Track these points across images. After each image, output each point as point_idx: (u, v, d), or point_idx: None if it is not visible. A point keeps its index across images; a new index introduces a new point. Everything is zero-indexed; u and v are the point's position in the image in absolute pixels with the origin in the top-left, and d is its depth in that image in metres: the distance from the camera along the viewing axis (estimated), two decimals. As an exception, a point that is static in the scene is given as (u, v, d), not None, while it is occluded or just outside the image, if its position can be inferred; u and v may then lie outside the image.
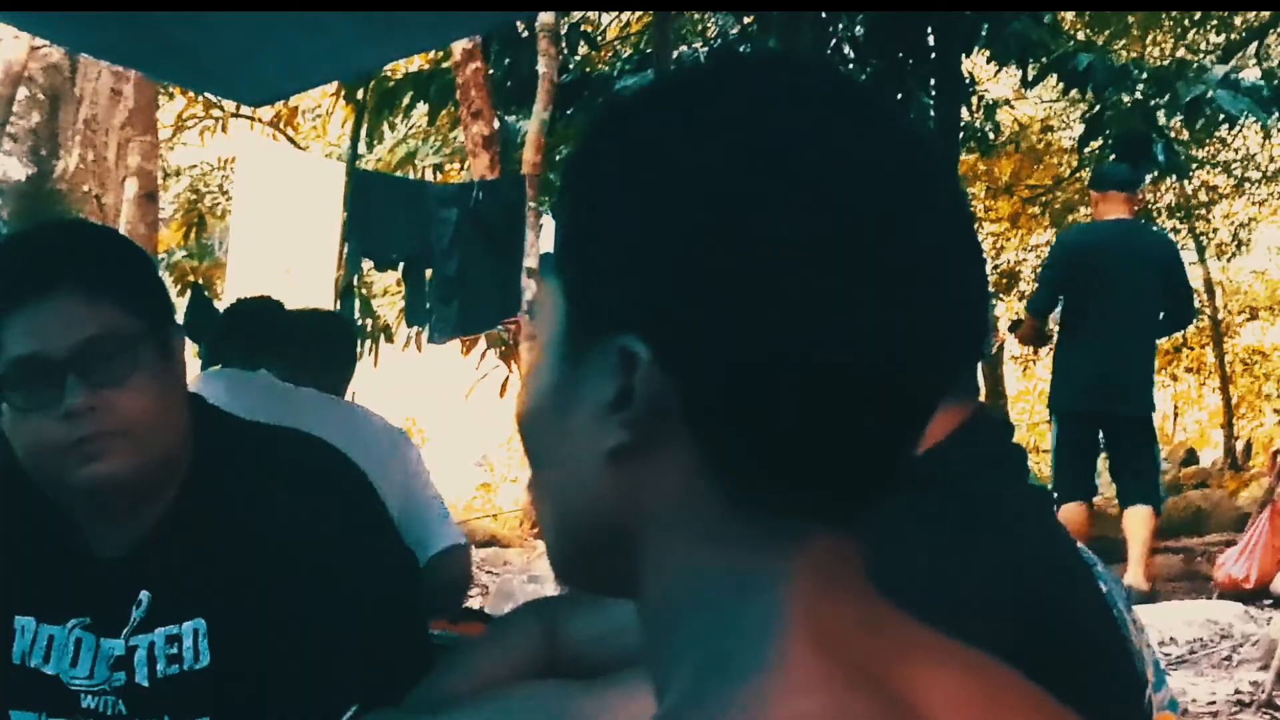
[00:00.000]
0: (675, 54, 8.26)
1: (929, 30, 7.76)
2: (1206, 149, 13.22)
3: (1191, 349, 16.90)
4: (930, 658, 0.66)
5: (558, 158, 9.52)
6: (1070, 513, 5.72)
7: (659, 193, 0.64)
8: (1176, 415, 18.58)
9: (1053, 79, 8.55)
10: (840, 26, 8.06)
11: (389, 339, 11.86)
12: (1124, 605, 1.55)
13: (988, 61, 9.35)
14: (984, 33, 7.75)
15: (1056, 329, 6.41)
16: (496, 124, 9.36)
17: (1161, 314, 6.08)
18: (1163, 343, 16.78)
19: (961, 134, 8.67)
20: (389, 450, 3.02)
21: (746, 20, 8.57)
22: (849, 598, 0.65)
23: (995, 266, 15.26)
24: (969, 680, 0.67)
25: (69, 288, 1.44)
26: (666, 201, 0.64)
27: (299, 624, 1.47)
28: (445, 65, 9.68)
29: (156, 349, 1.50)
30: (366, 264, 9.31)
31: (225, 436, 1.60)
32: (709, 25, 10.09)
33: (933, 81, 7.86)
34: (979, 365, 1.61)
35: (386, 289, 12.95)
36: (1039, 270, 9.96)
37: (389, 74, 9.95)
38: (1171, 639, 5.43)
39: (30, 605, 1.56)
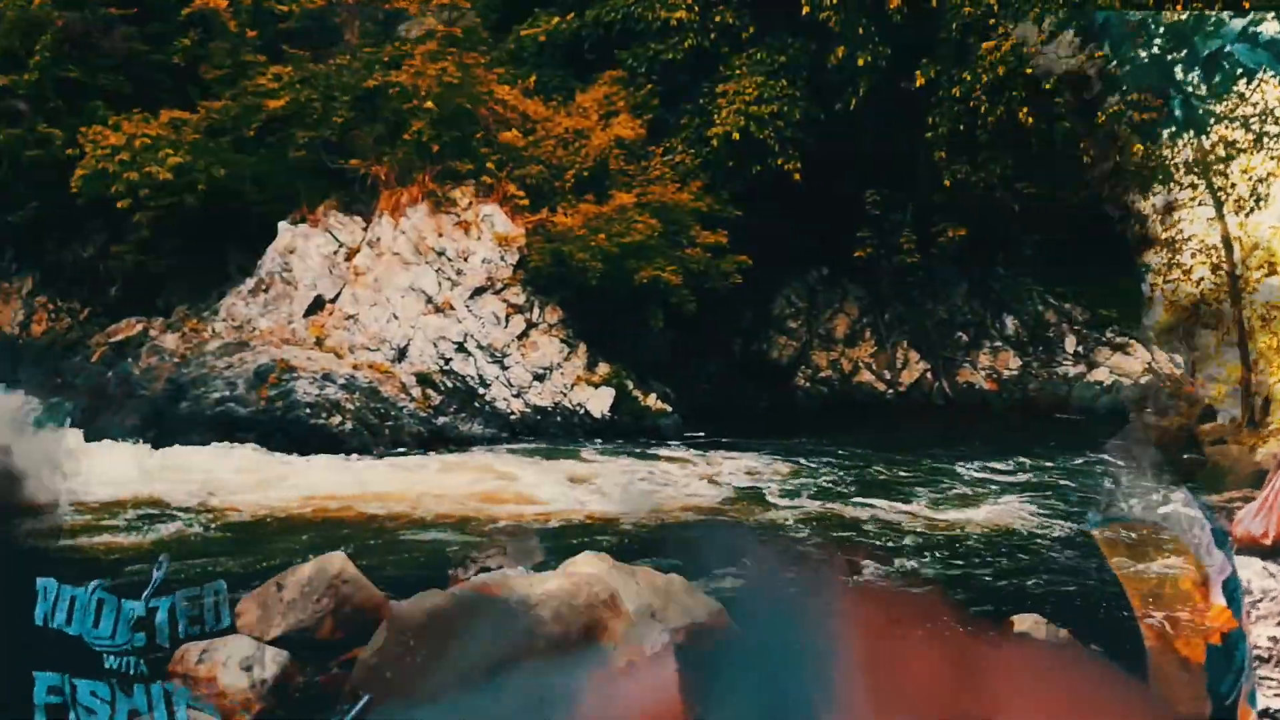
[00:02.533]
0: None
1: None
2: (1224, 103, 13.09)
3: (1209, 305, 16.78)
4: (1007, 673, 0.66)
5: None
6: None
7: None
8: (1195, 371, 18.46)
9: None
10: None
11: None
12: (1228, 570, 1.53)
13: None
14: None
15: None
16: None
17: None
18: (1181, 299, 16.58)
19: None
20: None
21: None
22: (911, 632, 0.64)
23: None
24: (1047, 689, 0.66)
25: None
26: None
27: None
28: None
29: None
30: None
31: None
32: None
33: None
34: None
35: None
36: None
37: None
38: (1189, 595, 5.41)
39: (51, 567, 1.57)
